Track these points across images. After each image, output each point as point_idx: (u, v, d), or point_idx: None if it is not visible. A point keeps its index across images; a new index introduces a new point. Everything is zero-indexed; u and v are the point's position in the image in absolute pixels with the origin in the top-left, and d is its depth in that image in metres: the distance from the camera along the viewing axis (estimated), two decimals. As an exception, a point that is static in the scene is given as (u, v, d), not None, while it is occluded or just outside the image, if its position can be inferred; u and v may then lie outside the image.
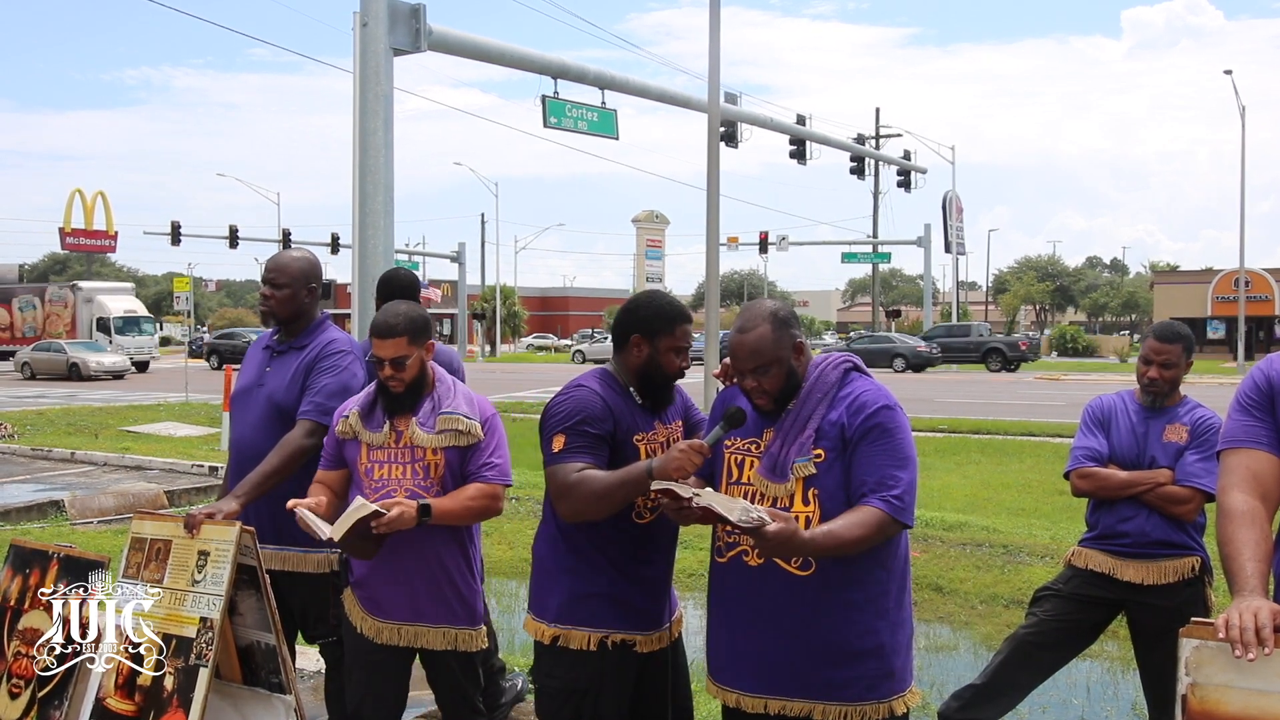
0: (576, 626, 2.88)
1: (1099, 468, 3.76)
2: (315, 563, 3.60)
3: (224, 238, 44.80)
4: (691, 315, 3.06)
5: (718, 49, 13.04)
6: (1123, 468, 3.75)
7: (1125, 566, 3.74)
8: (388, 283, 4.32)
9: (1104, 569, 3.78)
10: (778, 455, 2.59)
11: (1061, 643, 3.88)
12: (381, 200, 14.10)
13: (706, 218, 13.05)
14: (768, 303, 2.71)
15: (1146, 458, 3.73)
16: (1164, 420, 3.76)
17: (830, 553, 2.46)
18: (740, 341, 2.64)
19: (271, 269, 3.76)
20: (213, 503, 3.48)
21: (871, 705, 2.56)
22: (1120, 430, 3.81)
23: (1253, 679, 1.92)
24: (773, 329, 2.62)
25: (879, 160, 41.80)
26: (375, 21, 14.17)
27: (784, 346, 2.62)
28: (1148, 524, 3.70)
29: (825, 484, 2.55)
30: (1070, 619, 3.83)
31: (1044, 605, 3.91)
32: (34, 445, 14.65)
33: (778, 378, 2.62)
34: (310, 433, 3.48)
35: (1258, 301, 40.45)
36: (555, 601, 2.93)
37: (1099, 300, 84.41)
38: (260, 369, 3.77)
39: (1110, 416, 3.85)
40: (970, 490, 10.73)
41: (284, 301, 3.72)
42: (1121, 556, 3.75)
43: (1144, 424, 3.78)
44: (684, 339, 2.93)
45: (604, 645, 2.86)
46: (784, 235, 46.85)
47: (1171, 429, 3.74)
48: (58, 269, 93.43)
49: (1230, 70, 34.47)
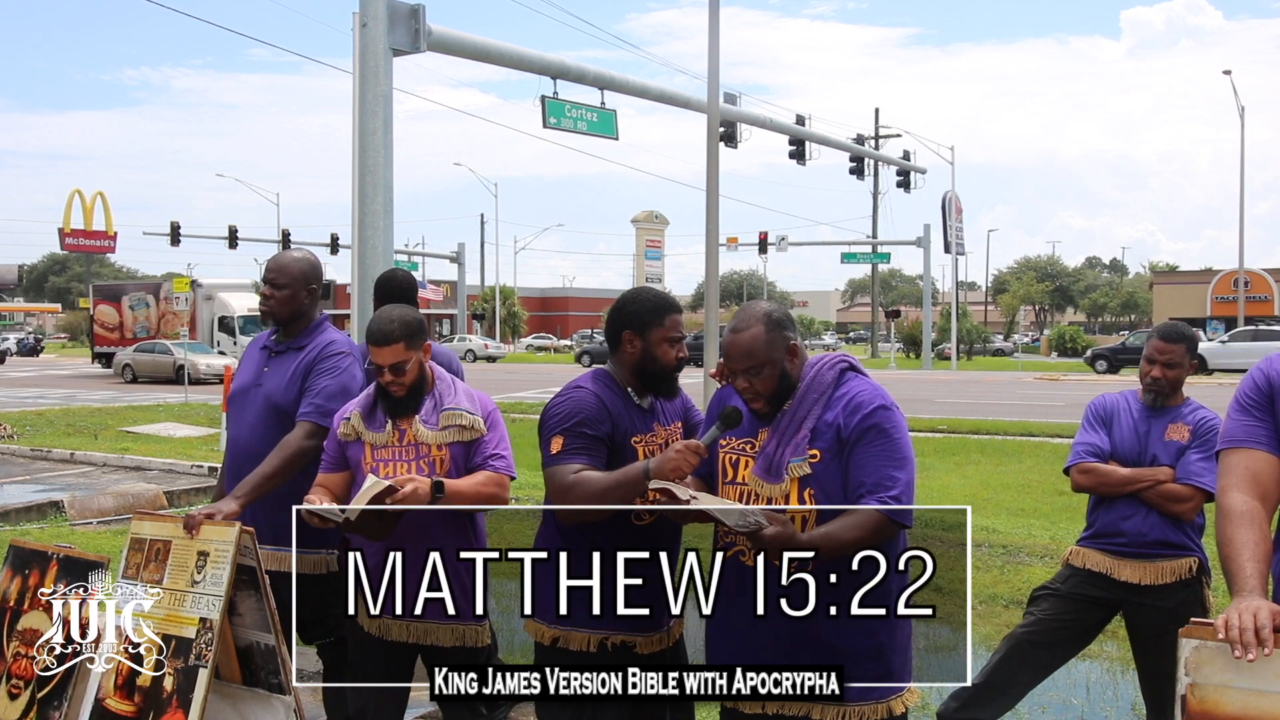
0: (576, 628, 2.87)
1: (1100, 463, 3.76)
2: (312, 564, 3.60)
3: (223, 238, 44.83)
4: (680, 306, 3.06)
5: (717, 49, 13.04)
6: (1124, 465, 3.75)
7: (1123, 566, 3.74)
8: (385, 284, 4.33)
9: (1101, 568, 3.77)
10: (773, 455, 2.60)
11: (1059, 642, 3.88)
12: (381, 200, 14.10)
13: (706, 218, 13.05)
14: (762, 304, 2.72)
15: (1148, 456, 3.73)
16: (1166, 420, 3.76)
17: (829, 554, 2.46)
18: (733, 342, 2.65)
19: (272, 269, 3.77)
20: (212, 503, 3.47)
21: (869, 706, 2.56)
22: (1122, 428, 3.81)
23: (1252, 679, 1.92)
24: (766, 330, 2.63)
25: (878, 160, 41.80)
26: (375, 22, 14.17)
27: (777, 348, 2.63)
28: (1145, 524, 3.69)
29: (821, 484, 2.55)
30: (1068, 619, 3.83)
31: (1042, 605, 3.90)
32: (33, 446, 14.63)
33: (770, 379, 2.63)
34: (310, 434, 3.48)
35: (1257, 302, 40.44)
36: (555, 603, 2.93)
37: (1098, 301, 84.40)
38: (258, 369, 3.77)
39: (1113, 414, 3.85)
40: (970, 490, 10.73)
41: (284, 302, 3.72)
42: (1119, 556, 3.74)
43: (1146, 423, 3.77)
44: (675, 329, 2.93)
45: (604, 646, 2.86)
46: (783, 235, 46.85)
47: (1173, 428, 3.73)
48: (57, 269, 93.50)
49: (1229, 71, 34.56)
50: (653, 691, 2.96)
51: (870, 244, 48.94)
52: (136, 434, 16.43)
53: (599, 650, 2.86)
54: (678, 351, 2.93)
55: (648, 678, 2.96)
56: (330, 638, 3.64)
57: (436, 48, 15.52)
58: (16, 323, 74.42)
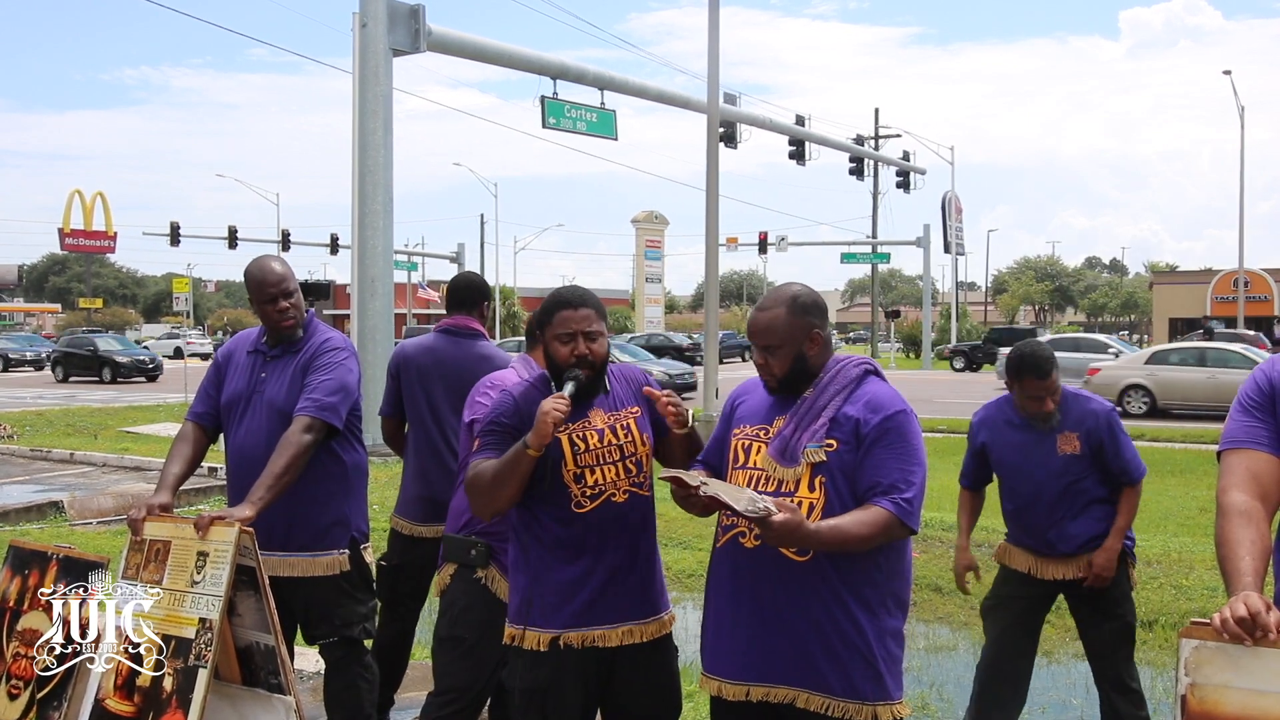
0: (529, 626, 2.85)
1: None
2: (325, 565, 3.60)
3: (223, 238, 44.84)
4: (587, 300, 2.94)
5: (717, 49, 13.06)
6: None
7: (1045, 565, 3.95)
8: (468, 285, 4.33)
9: (1024, 568, 4.01)
10: (790, 439, 2.60)
11: (1021, 649, 4.07)
12: (381, 200, 14.11)
13: (706, 218, 13.07)
14: (794, 287, 2.76)
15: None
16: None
17: (834, 547, 2.46)
18: (755, 319, 2.72)
19: (275, 279, 3.66)
20: (226, 507, 3.47)
21: (855, 705, 2.53)
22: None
23: (1252, 679, 1.92)
24: (788, 313, 2.67)
25: (878, 160, 41.85)
26: (375, 22, 14.18)
27: (796, 332, 2.66)
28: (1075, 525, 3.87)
29: (833, 474, 2.55)
30: (1015, 626, 4.05)
31: (990, 620, 4.13)
32: (33, 446, 14.65)
33: (785, 360, 2.66)
34: (307, 428, 3.45)
35: (1257, 302, 40.43)
36: (513, 602, 2.93)
37: (1098, 301, 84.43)
38: (252, 375, 3.70)
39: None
40: (970, 491, 10.70)
41: (300, 306, 3.69)
42: (1039, 554, 3.96)
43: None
44: (563, 325, 2.87)
45: (555, 645, 2.82)
46: (783, 236, 46.87)
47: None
48: (57, 269, 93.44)
49: (1229, 71, 34.53)
50: (628, 689, 2.94)
51: (870, 244, 48.94)
52: (136, 434, 16.45)
53: (550, 648, 2.81)
54: (572, 349, 2.86)
55: (622, 675, 2.91)
56: (334, 638, 3.64)
57: (436, 48, 15.54)
58: (16, 323, 74.36)
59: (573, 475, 2.83)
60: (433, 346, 4.21)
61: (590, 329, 2.89)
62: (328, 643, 3.66)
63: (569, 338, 2.88)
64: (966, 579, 4.23)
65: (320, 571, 3.59)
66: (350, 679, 3.65)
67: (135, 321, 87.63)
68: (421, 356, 4.20)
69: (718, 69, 13.23)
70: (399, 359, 4.29)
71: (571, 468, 2.83)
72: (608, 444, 2.87)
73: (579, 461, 2.83)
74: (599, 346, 2.90)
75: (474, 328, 4.22)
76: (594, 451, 2.85)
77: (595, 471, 2.84)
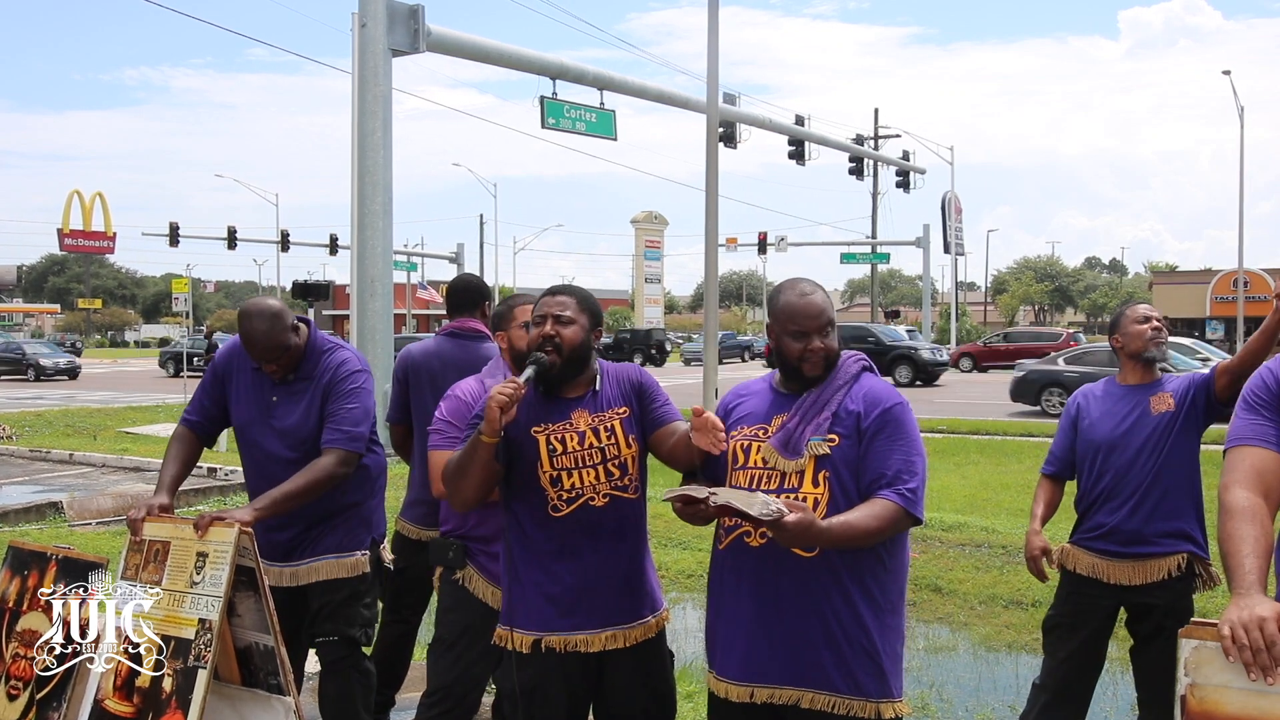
0: (514, 628, 2.85)
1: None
2: (350, 566, 3.62)
3: (222, 239, 44.77)
4: (573, 291, 2.94)
5: (716, 49, 13.04)
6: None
7: (1113, 568, 3.66)
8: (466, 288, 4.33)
9: (1090, 572, 3.71)
10: (793, 432, 2.60)
11: (1086, 671, 3.82)
12: (380, 201, 14.10)
13: (705, 218, 13.04)
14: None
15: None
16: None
17: (845, 543, 2.45)
18: (810, 301, 2.65)
19: (260, 349, 3.48)
20: (228, 508, 3.47)
21: (859, 702, 2.53)
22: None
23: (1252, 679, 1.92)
24: (827, 296, 2.72)
25: (878, 161, 41.81)
26: (374, 22, 14.17)
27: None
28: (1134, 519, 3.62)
29: (837, 469, 2.56)
30: (1081, 649, 3.76)
31: (1051, 637, 3.84)
32: (32, 446, 14.65)
33: (835, 339, 2.68)
34: (343, 461, 3.44)
35: (1257, 302, 40.32)
36: (503, 602, 2.93)
37: (1098, 301, 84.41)
38: (261, 399, 3.61)
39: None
40: (969, 491, 10.73)
41: (294, 351, 3.54)
42: (1108, 556, 3.68)
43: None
44: (537, 309, 2.90)
45: (537, 647, 2.81)
46: (783, 236, 46.83)
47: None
48: (56, 270, 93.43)
49: (1229, 71, 34.42)
50: (615, 692, 2.92)
51: (870, 244, 48.86)
52: (135, 434, 16.45)
53: (533, 650, 2.81)
54: (540, 331, 2.84)
55: (610, 676, 2.89)
56: (335, 636, 3.64)
57: (435, 48, 15.52)
58: (15, 324, 74.35)
59: (549, 478, 2.80)
60: (440, 351, 4.18)
61: (563, 314, 2.84)
62: (327, 642, 3.65)
63: (540, 320, 2.86)
64: (1042, 564, 3.84)
65: (345, 574, 3.60)
66: (346, 680, 3.65)
67: (134, 322, 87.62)
68: (429, 361, 4.16)
69: (717, 69, 13.22)
70: (406, 364, 4.22)
71: (548, 470, 2.80)
72: (589, 446, 2.82)
73: (555, 464, 2.80)
74: (570, 332, 2.83)
75: (479, 329, 4.20)
76: (572, 454, 2.81)
77: (573, 475, 2.80)
